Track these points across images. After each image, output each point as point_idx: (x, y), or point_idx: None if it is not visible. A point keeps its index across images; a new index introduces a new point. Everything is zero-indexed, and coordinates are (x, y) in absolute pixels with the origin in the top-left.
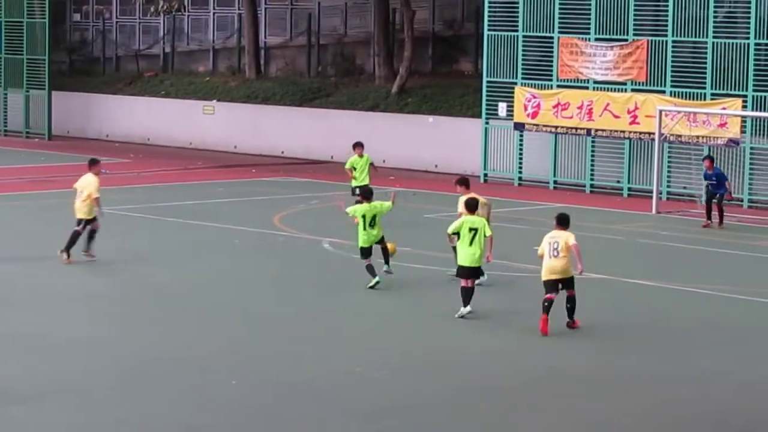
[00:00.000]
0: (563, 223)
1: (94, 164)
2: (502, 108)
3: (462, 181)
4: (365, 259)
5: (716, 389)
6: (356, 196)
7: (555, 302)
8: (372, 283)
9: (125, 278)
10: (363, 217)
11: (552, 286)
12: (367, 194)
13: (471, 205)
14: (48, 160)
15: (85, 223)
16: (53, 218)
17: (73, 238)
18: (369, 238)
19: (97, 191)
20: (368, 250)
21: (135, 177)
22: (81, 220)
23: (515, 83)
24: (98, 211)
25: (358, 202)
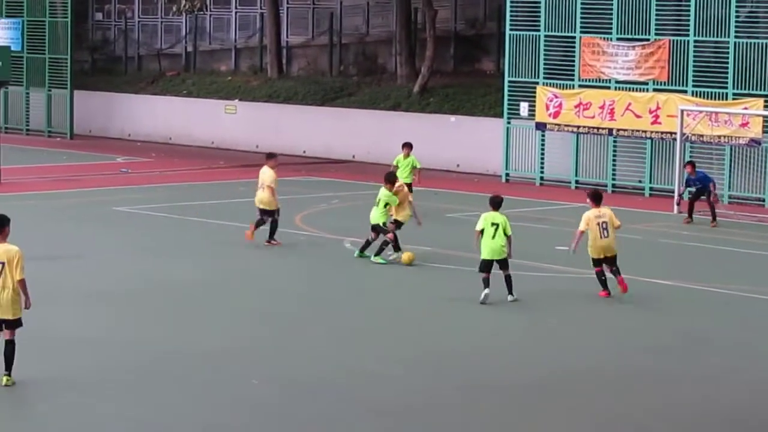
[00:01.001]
0: (597, 200)
1: (271, 158)
2: (523, 108)
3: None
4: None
5: (730, 388)
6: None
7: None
8: (394, 256)
9: (147, 276)
10: (379, 200)
11: (601, 263)
12: (389, 177)
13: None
14: (70, 159)
15: (275, 212)
16: (74, 216)
17: (273, 228)
18: (378, 216)
19: (272, 182)
20: (376, 226)
21: (157, 176)
22: (266, 210)
23: (537, 83)
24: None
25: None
